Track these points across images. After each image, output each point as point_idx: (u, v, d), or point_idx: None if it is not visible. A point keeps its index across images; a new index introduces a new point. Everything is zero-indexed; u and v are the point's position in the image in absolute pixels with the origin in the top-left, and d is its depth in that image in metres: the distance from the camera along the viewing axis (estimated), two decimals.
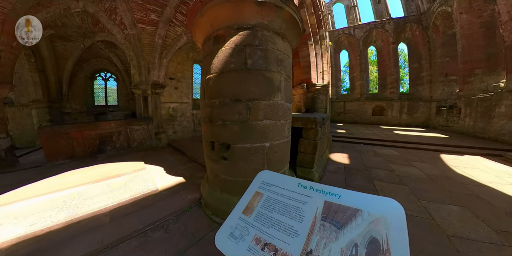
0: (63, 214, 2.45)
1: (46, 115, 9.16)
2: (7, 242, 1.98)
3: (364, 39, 15.01)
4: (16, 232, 2.12)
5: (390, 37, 13.79)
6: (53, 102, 9.51)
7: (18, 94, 8.98)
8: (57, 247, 1.88)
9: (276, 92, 2.11)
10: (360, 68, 15.22)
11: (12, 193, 3.17)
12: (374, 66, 21.75)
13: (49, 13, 5.55)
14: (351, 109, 15.45)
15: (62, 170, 4.33)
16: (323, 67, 7.12)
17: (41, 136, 5.31)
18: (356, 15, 16.21)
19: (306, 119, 3.25)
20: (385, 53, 14.48)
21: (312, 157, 3.26)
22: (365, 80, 15.26)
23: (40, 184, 3.53)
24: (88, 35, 7.91)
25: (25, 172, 4.58)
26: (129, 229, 2.10)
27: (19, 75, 8.56)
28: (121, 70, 11.33)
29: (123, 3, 5.61)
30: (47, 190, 3.17)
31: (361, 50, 15.15)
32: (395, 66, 13.97)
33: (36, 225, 2.25)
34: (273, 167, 2.17)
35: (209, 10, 2.01)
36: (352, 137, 7.74)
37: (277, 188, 0.86)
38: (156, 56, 7.01)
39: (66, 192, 3.09)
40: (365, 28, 14.83)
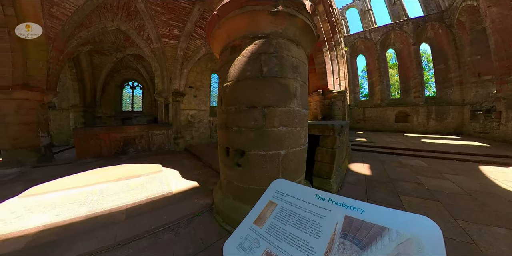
0: (84, 208, 2.64)
1: (81, 118, 10.40)
2: (34, 228, 2.20)
3: (382, 42, 14.45)
4: (43, 220, 2.35)
5: (410, 38, 13.07)
6: (88, 107, 10.80)
7: (60, 99, 10.41)
8: (74, 239, 2.01)
9: (292, 98, 2.09)
10: (379, 72, 14.53)
11: (45, 185, 3.56)
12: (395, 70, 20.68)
13: (89, 31, 6.41)
14: (371, 115, 14.63)
15: (88, 168, 4.76)
16: (339, 73, 6.96)
17: (75, 136, 5.98)
18: (371, 18, 15.82)
19: (324, 126, 3.13)
20: (406, 55, 13.71)
21: (330, 166, 3.10)
22: (385, 85, 14.50)
23: (69, 179, 3.91)
24: (120, 49, 8.83)
25: (58, 167, 5.11)
26: (142, 228, 2.16)
27: (62, 83, 9.85)
28: (147, 80, 12.35)
29: (150, 21, 6.27)
30: (73, 185, 3.49)
31: (379, 54, 14.55)
32: (418, 68, 13.06)
33: (60, 215, 2.45)
34: (288, 176, 2.09)
35: (225, 23, 2.12)
36: (374, 145, 7.26)
37: (292, 199, 0.81)
38: (178, 67, 7.55)
39: (90, 188, 3.35)
40: (381, 31, 14.32)
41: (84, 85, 10.50)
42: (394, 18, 14.65)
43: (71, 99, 10.30)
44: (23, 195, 3.13)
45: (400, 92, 14.51)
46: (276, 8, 1.94)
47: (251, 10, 1.96)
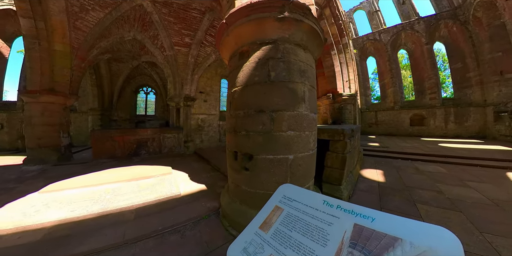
0: (97, 206, 2.76)
1: (98, 121, 11.14)
2: (51, 222, 2.34)
3: (392, 43, 14.05)
4: (59, 215, 2.50)
5: (422, 37, 12.59)
6: (105, 110, 11.55)
7: (80, 103, 11.19)
8: (85, 235, 2.10)
9: (300, 102, 2.08)
10: (391, 74, 14.06)
11: (63, 182, 3.78)
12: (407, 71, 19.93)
13: (108, 41, 6.88)
14: (384, 119, 14.09)
15: (103, 168, 5.01)
16: (349, 75, 6.84)
17: (92, 137, 6.37)
18: (379, 19, 15.51)
19: (333, 130, 3.06)
20: (419, 55, 13.19)
21: (340, 172, 3.00)
22: (398, 87, 13.97)
23: (85, 177, 4.14)
24: (135, 57, 9.34)
25: (76, 166, 5.42)
26: (149, 229, 2.20)
27: (83, 88, 10.57)
28: (160, 85, 12.90)
29: (163, 30, 6.66)
30: (89, 183, 3.67)
31: (390, 55, 14.13)
32: (433, 69, 12.49)
33: (75, 212, 2.59)
34: (297, 182, 2.06)
35: (234, 30, 2.18)
36: (387, 151, 6.95)
37: (299, 204, 0.79)
38: (189, 73, 7.84)
39: (103, 187, 3.51)
40: (391, 32, 13.95)
41: (102, 90, 11.28)
42: (404, 18, 14.26)
43: (90, 103, 11.08)
44: (42, 190, 3.36)
45: (415, 94, 13.89)
46: (282, 14, 1.98)
47: (258, 18, 2.01)
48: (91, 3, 5.61)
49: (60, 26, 5.63)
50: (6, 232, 2.14)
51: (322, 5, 6.03)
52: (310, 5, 2.37)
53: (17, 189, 3.55)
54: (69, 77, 6.13)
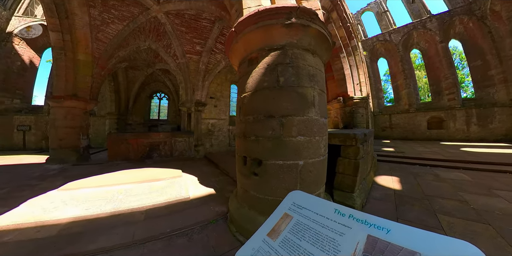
0: (110, 205, 2.87)
1: (114, 124, 11.81)
2: (66, 219, 2.48)
3: (404, 43, 13.58)
4: (74, 213, 2.64)
5: (436, 35, 12.05)
6: (121, 115, 12.23)
7: (99, 108, 11.93)
8: (97, 233, 2.18)
9: (310, 107, 2.06)
10: (404, 75, 13.51)
11: (80, 181, 4.02)
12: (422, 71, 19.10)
13: (126, 51, 7.34)
14: (398, 122, 13.45)
15: (117, 169, 5.24)
16: (359, 78, 6.71)
17: (108, 140, 6.74)
18: (389, 20, 15.16)
19: (345, 135, 2.98)
20: (433, 54, 12.61)
21: (352, 179, 2.89)
22: (413, 88, 13.34)
23: (100, 177, 4.36)
24: (150, 65, 9.87)
25: (92, 166, 5.72)
26: (158, 230, 2.24)
27: (102, 94, 11.30)
28: (172, 91, 13.43)
29: (176, 39, 7.03)
30: (103, 183, 3.86)
31: (402, 55, 13.63)
32: (450, 68, 11.84)
33: (89, 210, 2.71)
34: (307, 188, 2.01)
35: (242, 37, 2.24)
36: (404, 156, 6.62)
37: (309, 212, 0.77)
38: (200, 79, 8.13)
39: (116, 187, 3.65)
40: (402, 31, 13.52)
41: (119, 96, 11.98)
42: (414, 17, 13.82)
43: (108, 108, 11.81)
44: (61, 188, 3.58)
45: (431, 95, 13.21)
46: (290, 20, 2.01)
47: (265, 25, 2.05)
48: (111, 16, 6.07)
49: (84, 38, 6.15)
50: (27, 226, 2.31)
51: (329, 9, 6.04)
52: (317, 10, 2.39)
53: (39, 186, 3.82)
54: (90, 84, 6.63)
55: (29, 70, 11.45)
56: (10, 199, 3.15)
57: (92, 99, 6.82)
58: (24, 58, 11.15)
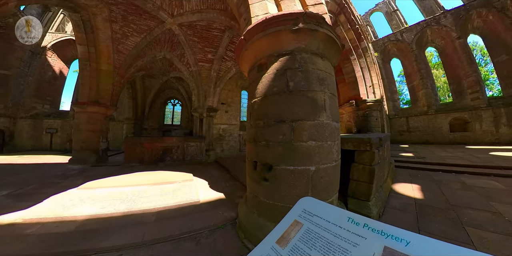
0: (123, 205, 2.99)
1: (131, 129, 12.55)
2: (83, 216, 2.63)
3: (417, 42, 12.92)
4: (90, 211, 2.78)
5: (452, 31, 11.35)
6: (138, 120, 12.97)
7: (118, 113, 12.64)
8: (110, 231, 2.26)
9: (321, 111, 2.03)
10: (420, 74, 12.78)
11: (98, 181, 4.27)
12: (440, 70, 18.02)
13: (143, 61, 7.84)
14: (417, 125, 12.63)
15: (132, 171, 5.51)
16: (372, 80, 6.52)
17: (125, 143, 7.13)
18: (399, 19, 14.66)
19: (359, 140, 2.87)
20: (451, 51, 11.85)
21: (368, 186, 2.74)
22: (430, 88, 12.55)
23: (116, 178, 4.60)
24: (165, 73, 10.40)
25: (110, 168, 6.08)
26: (167, 232, 2.27)
27: (121, 100, 12.14)
28: (185, 98, 13.99)
29: (189, 49, 7.42)
30: (119, 184, 4.06)
31: (417, 54, 12.96)
32: (471, 64, 11.00)
33: (104, 209, 2.85)
34: (319, 195, 1.94)
35: (252, 45, 2.30)
36: (424, 162, 6.18)
37: (320, 220, 0.74)
38: (212, 86, 8.43)
39: (130, 188, 3.81)
40: (415, 30, 12.92)
41: (136, 102, 12.77)
42: (427, 14, 13.22)
43: (126, 113, 12.59)
44: (80, 187, 3.82)
45: (452, 95, 12.32)
46: (297, 26, 2.03)
47: (273, 31, 2.10)
48: (130, 30, 6.57)
49: (106, 50, 6.70)
50: (47, 220, 2.50)
51: (336, 13, 6.04)
52: (324, 14, 2.40)
53: (61, 184, 4.11)
54: (110, 91, 7.16)
55: (59, 79, 12.80)
56: (36, 194, 3.44)
57: (112, 105, 7.33)
58: (55, 68, 12.49)
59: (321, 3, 2.53)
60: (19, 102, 11.13)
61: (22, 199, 3.25)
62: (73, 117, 7.44)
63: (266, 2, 2.45)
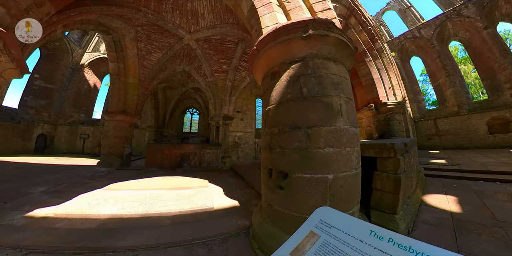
0: (141, 207, 3.15)
1: (153, 136, 13.43)
2: (105, 215, 2.82)
3: (438, 37, 11.89)
4: (112, 211, 2.98)
5: (477, 22, 10.29)
6: (159, 127, 13.84)
7: (141, 122, 13.70)
8: (128, 231, 2.36)
9: (337, 116, 1.97)
10: (446, 71, 11.64)
11: (121, 183, 4.59)
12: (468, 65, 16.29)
13: (165, 74, 8.51)
14: (448, 128, 11.32)
15: (152, 175, 5.83)
16: (391, 81, 6.18)
17: (146, 149, 7.68)
18: (415, 15, 13.80)
19: (381, 145, 2.66)
20: (479, 43, 10.68)
21: (393, 197, 2.50)
22: (459, 85, 11.32)
23: (137, 181, 4.91)
24: (184, 84, 11.14)
25: (132, 171, 6.50)
26: (181, 237, 2.30)
27: (144, 110, 13.26)
28: (202, 107, 14.69)
29: (205, 61, 7.95)
30: (139, 187, 4.33)
31: (439, 50, 11.88)
32: (505, 55, 9.75)
33: (124, 210, 3.03)
34: (338, 206, 1.83)
35: (264, 54, 2.37)
36: (460, 169, 5.50)
37: (339, 232, 0.69)
38: (227, 95, 8.79)
39: (149, 192, 4.00)
40: (433, 25, 11.96)
41: (158, 112, 13.74)
42: (445, 7, 12.29)
43: (148, 122, 13.60)
44: (105, 188, 4.14)
45: (486, 92, 10.96)
46: (307, 33, 2.05)
47: (284, 40, 2.14)
48: (153, 47, 7.27)
49: (133, 65, 7.46)
50: (74, 217, 2.73)
51: (346, 16, 5.98)
52: (333, 18, 2.41)
53: (89, 184, 4.50)
54: (136, 102, 7.87)
55: (93, 91, 14.79)
56: (67, 192, 3.81)
57: (137, 114, 8.02)
58: (90, 82, 14.48)
59: (330, 9, 2.55)
60: (60, 111, 12.98)
61: (55, 195, 3.62)
62: (103, 125, 8.25)
63: (275, 13, 2.53)
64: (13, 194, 3.52)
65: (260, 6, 2.62)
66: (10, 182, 4.31)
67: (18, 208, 2.94)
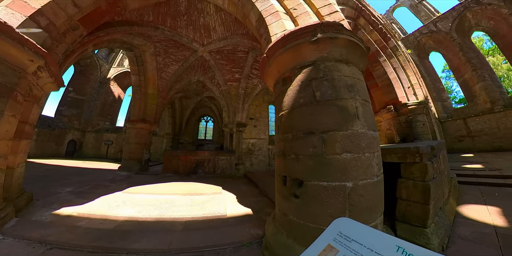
0: (156, 211, 3.23)
1: (170, 143, 14.13)
2: (122, 217, 2.94)
3: (458, 29, 10.97)
4: (129, 213, 3.10)
5: (501, 8, 9.36)
6: (175, 135, 14.53)
7: (159, 129, 14.43)
8: (142, 234, 2.42)
9: (354, 120, 1.88)
10: (471, 65, 10.55)
11: (139, 187, 4.79)
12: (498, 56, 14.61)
13: (181, 84, 9.01)
14: (481, 128, 10.08)
15: (168, 180, 6.04)
16: (409, 80, 5.84)
17: (164, 156, 8.06)
18: (428, 8, 12.99)
19: (404, 150, 2.43)
20: (506, 31, 9.65)
21: (423, 208, 2.24)
22: (490, 79, 10.16)
23: (153, 186, 5.10)
24: (199, 93, 11.72)
25: (149, 176, 6.80)
26: (193, 243, 2.29)
27: (162, 118, 14.10)
28: (216, 115, 15.19)
29: (218, 71, 8.32)
30: (155, 191, 4.49)
31: (460, 43, 10.87)
32: None
33: (140, 213, 3.13)
34: (359, 217, 1.70)
35: (274, 61, 2.39)
36: (502, 175, 4.81)
37: (360, 247, 0.62)
38: (240, 102, 9.03)
39: (164, 197, 4.12)
40: (450, 16, 11.09)
41: (175, 120, 14.51)
42: None
43: (166, 129, 14.36)
44: (124, 191, 4.36)
45: None
46: (315, 36, 2.04)
47: (293, 45, 2.15)
48: (170, 60, 7.82)
49: (152, 77, 8.05)
50: (95, 217, 2.89)
51: (354, 17, 5.90)
52: (341, 20, 2.38)
53: (110, 187, 4.77)
54: (155, 111, 8.41)
55: (117, 102, 16.46)
56: (90, 193, 4.08)
57: (155, 122, 8.52)
58: (115, 94, 16.15)
59: (337, 11, 2.54)
60: (88, 120, 14.49)
61: (80, 196, 3.88)
62: (125, 132, 8.96)
63: (283, 21, 2.58)
64: (45, 192, 3.86)
65: (267, 15, 2.70)
66: (43, 182, 4.74)
67: (47, 205, 3.21)
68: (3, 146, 2.44)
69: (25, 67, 2.49)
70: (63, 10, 2.77)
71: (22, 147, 3.10)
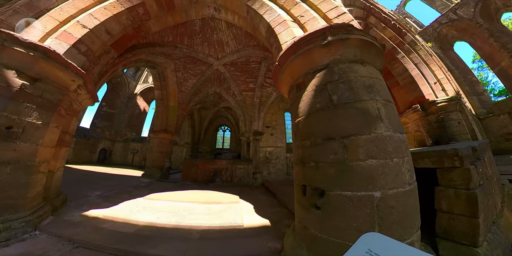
0: (174, 218, 3.28)
1: (189, 152, 14.68)
2: (142, 222, 3.04)
3: (482, 13, 9.63)
4: (149, 218, 3.20)
5: None
6: (194, 144, 15.10)
7: (180, 139, 15.20)
8: (159, 240, 2.43)
9: (377, 122, 1.75)
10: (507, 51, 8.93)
11: (159, 194, 4.97)
12: None
13: (199, 96, 9.53)
14: None
15: (187, 188, 6.18)
16: (435, 75, 5.34)
17: (183, 164, 8.36)
18: None
19: (439, 153, 2.13)
20: None
21: (470, 222, 1.90)
22: None
23: (173, 193, 5.23)
24: (216, 104, 12.28)
25: (169, 184, 7.03)
26: (208, 253, 2.24)
27: (182, 129, 14.74)
28: (233, 124, 15.61)
29: (233, 82, 8.68)
30: (174, 198, 4.61)
31: (489, 28, 9.46)
32: None
33: (159, 219, 3.21)
34: (391, 232, 1.50)
35: (286, 68, 2.40)
36: None
37: None
38: (256, 111, 9.15)
39: (182, 204, 4.19)
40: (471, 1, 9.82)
41: (194, 130, 15.18)
42: None
43: (185, 139, 15.07)
44: (146, 197, 4.54)
45: None
46: (326, 40, 2.01)
47: (304, 51, 2.14)
48: (189, 75, 8.39)
49: (173, 91, 8.66)
50: (117, 220, 3.04)
51: (364, 17, 5.73)
52: (350, 21, 2.34)
53: (133, 193, 5.03)
54: (175, 122, 8.92)
55: (142, 114, 18.09)
56: (115, 198, 4.34)
57: (176, 132, 8.98)
58: (141, 107, 17.79)
59: (345, 13, 2.50)
60: (118, 131, 15.94)
61: (106, 200, 4.14)
62: (149, 142, 9.52)
63: (291, 28, 2.62)
64: (77, 195, 4.22)
65: (276, 25, 2.77)
66: (77, 185, 5.20)
67: (78, 207, 3.49)
68: (46, 152, 2.77)
69: (68, 85, 2.87)
70: (98, 38, 3.18)
71: (62, 154, 3.49)
